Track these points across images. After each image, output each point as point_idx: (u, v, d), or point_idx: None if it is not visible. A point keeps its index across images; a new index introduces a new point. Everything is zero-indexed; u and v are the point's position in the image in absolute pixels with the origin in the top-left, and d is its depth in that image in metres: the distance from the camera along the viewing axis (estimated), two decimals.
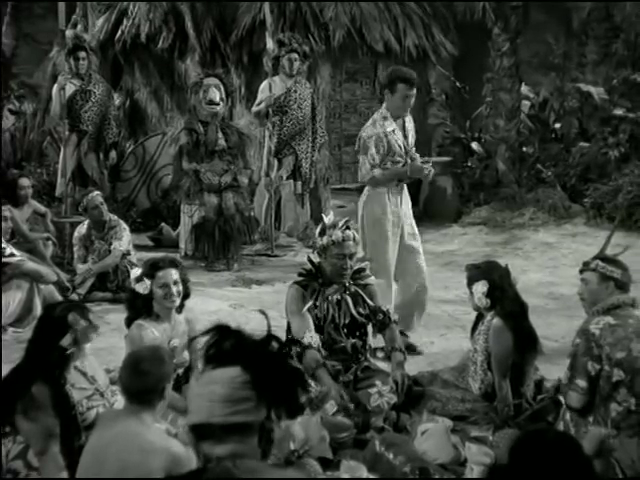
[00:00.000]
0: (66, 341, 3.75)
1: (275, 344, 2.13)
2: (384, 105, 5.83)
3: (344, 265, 4.82)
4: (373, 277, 5.10)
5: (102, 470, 3.07)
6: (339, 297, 4.88)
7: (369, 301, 4.92)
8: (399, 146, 5.80)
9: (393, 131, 5.78)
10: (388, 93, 5.75)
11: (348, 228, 4.84)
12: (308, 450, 3.90)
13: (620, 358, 3.84)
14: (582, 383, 3.92)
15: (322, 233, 4.86)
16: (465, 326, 5.46)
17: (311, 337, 4.67)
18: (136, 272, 4.60)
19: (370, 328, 5.01)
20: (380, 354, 5.18)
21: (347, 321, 4.86)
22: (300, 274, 4.97)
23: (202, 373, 2.09)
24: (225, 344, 2.08)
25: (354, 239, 4.86)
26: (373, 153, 5.72)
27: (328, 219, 4.92)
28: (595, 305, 4.05)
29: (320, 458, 3.93)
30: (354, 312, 4.87)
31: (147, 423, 3.19)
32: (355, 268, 4.93)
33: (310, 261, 4.99)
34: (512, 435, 3.98)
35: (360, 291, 4.93)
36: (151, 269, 4.49)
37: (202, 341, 2.12)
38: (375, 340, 5.20)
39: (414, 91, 5.70)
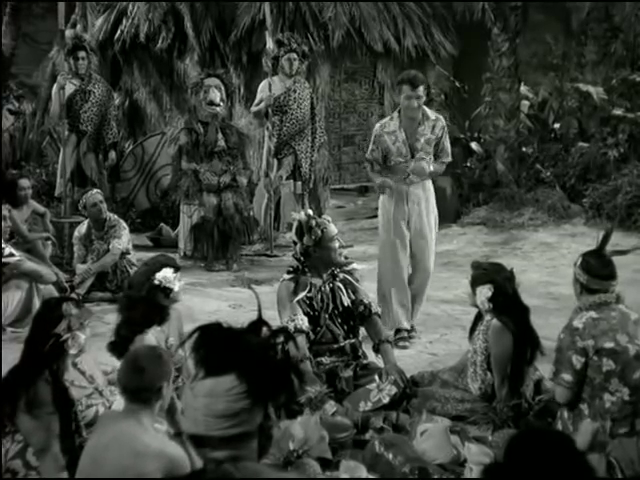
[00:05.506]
0: (60, 327, 3.76)
1: (265, 329, 2.04)
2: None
3: (340, 245, 4.97)
4: (354, 263, 5.20)
5: (100, 472, 3.06)
6: (331, 285, 4.93)
7: (357, 285, 4.98)
8: (397, 147, 5.89)
9: (393, 132, 5.92)
10: (397, 95, 6.03)
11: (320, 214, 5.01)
12: (307, 450, 3.90)
13: (608, 349, 3.89)
14: (567, 377, 3.95)
15: (309, 229, 4.90)
16: (465, 326, 5.45)
17: (301, 320, 4.71)
18: (168, 275, 4.50)
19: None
20: None
21: (345, 306, 4.89)
22: (289, 271, 5.02)
23: (195, 381, 2.01)
24: (215, 348, 2.00)
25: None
26: (372, 148, 6.07)
27: (298, 217, 4.97)
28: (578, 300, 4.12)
29: (319, 458, 3.92)
30: (347, 299, 4.91)
31: (145, 425, 3.18)
32: None
33: (297, 259, 5.02)
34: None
35: (349, 277, 5.01)
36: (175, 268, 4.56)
37: (191, 341, 2.03)
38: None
39: (418, 92, 5.80)
